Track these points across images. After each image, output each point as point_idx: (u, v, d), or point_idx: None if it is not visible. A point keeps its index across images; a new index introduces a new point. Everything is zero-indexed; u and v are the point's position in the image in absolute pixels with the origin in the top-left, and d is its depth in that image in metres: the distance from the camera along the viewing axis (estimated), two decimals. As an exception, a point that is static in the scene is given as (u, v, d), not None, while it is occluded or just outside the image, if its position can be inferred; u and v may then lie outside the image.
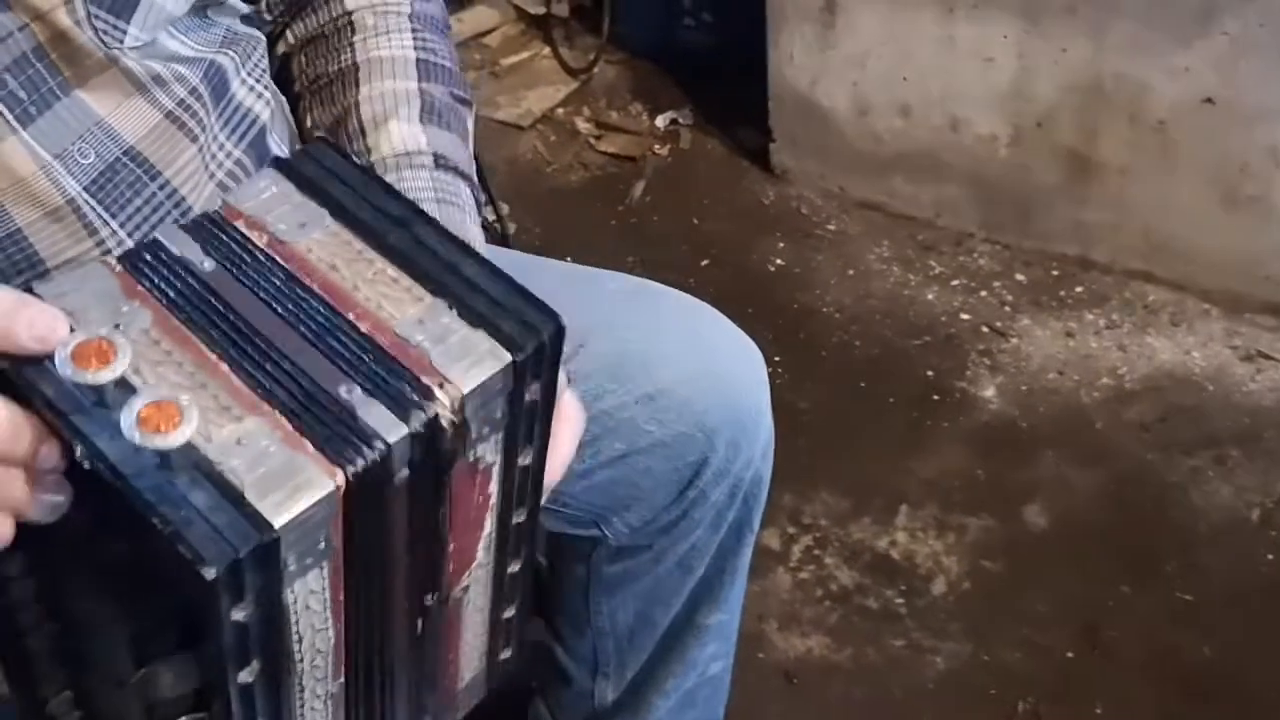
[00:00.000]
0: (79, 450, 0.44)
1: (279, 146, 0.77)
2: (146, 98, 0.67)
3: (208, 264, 0.52)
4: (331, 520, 0.46)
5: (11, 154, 0.61)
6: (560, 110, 2.31)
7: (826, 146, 1.99)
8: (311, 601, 0.48)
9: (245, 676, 0.47)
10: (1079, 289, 1.87)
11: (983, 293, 1.87)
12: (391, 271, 0.52)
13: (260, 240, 0.53)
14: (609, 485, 0.92)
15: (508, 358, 0.50)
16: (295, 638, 0.49)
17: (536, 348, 0.51)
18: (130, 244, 0.64)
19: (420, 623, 0.58)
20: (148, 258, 0.51)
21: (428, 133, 0.79)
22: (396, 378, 0.49)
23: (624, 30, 2.30)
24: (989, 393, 1.72)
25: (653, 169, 2.15)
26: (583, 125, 2.27)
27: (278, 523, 0.43)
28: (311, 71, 0.84)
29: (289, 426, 0.46)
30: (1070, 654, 1.42)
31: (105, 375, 0.45)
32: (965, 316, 1.83)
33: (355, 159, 0.73)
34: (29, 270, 0.62)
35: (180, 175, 0.68)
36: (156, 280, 0.50)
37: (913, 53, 1.82)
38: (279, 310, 0.50)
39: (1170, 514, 1.55)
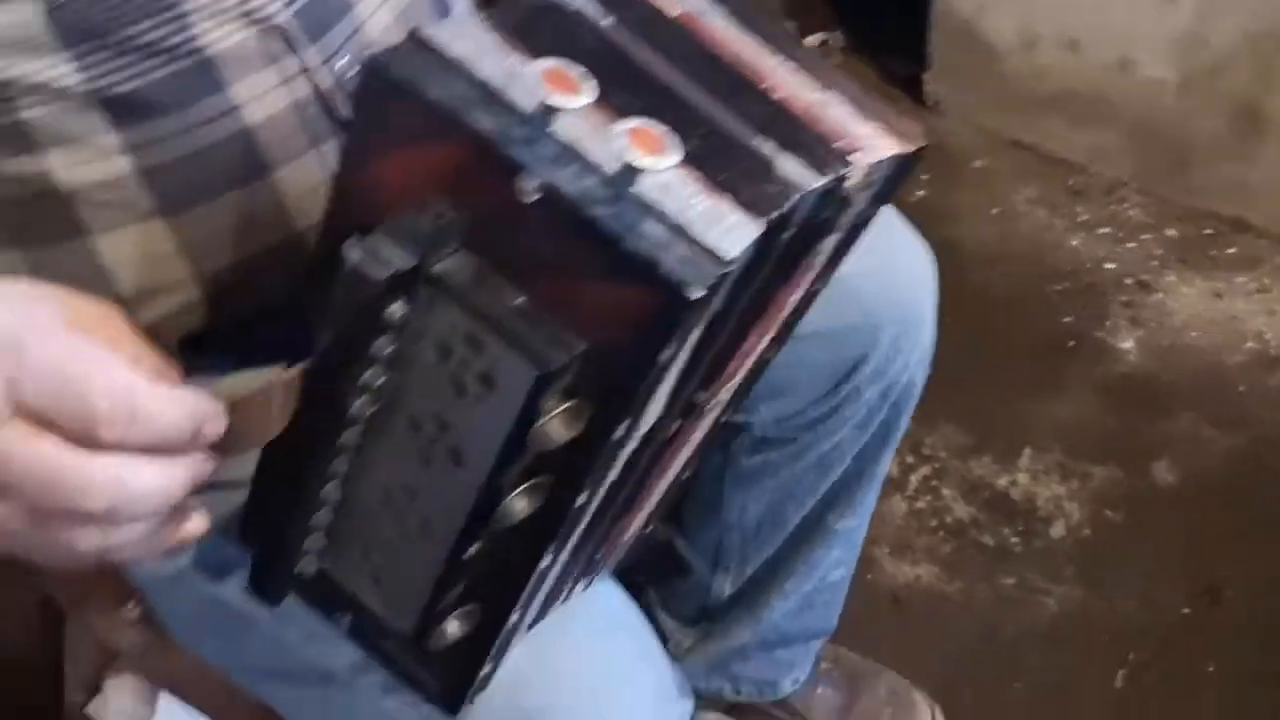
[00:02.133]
0: (528, 183, 0.43)
1: None
2: None
3: (607, 20, 0.51)
4: (736, 274, 0.46)
5: None
6: (710, 22, 2.28)
7: (984, 79, 1.94)
8: (673, 366, 0.48)
9: (621, 430, 0.47)
10: (1231, 250, 1.81)
11: (1130, 244, 1.82)
12: (789, 64, 0.53)
13: (672, 10, 0.53)
14: (762, 371, 0.91)
15: (898, 149, 0.51)
16: (652, 399, 0.49)
17: (914, 152, 0.53)
18: (325, 71, 0.64)
19: (679, 424, 0.58)
20: (533, 13, 0.50)
21: None
22: (811, 138, 0.49)
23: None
24: (1128, 345, 1.68)
25: (800, 89, 2.11)
26: (732, 39, 2.23)
27: (729, 255, 0.43)
28: None
29: (702, 175, 0.45)
30: (1186, 610, 1.39)
31: (576, 102, 0.44)
32: (1109, 266, 1.79)
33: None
34: (171, 8, 0.60)
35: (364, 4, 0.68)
36: (546, 33, 0.49)
37: (1091, -16, 1.76)
38: (685, 68, 0.50)
39: (1306, 484, 1.50)
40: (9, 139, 0.60)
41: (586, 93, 0.45)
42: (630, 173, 0.43)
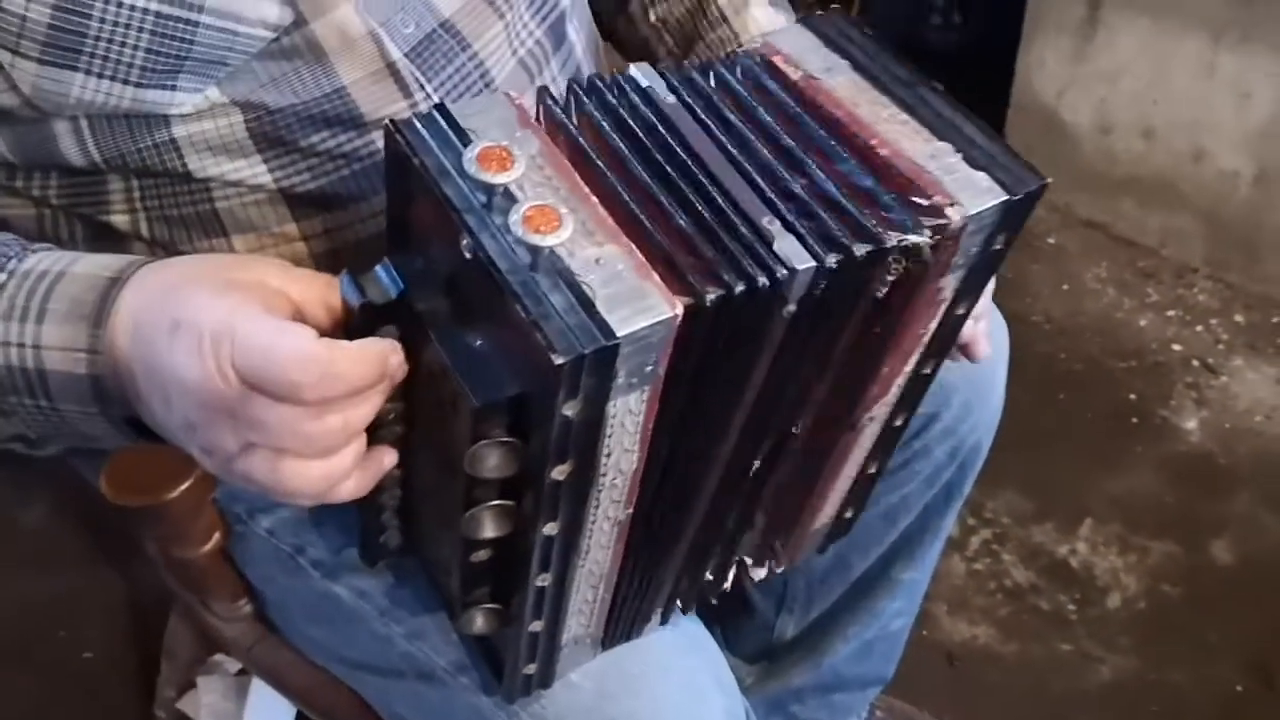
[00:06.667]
0: (465, 241, 0.51)
1: (575, 33, 0.82)
2: None
3: (669, 98, 0.59)
4: (663, 347, 0.51)
5: (345, 19, 0.67)
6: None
7: (1060, 160, 1.99)
8: (627, 422, 0.54)
9: (557, 474, 0.54)
10: (1299, 339, 1.84)
11: (1198, 327, 1.86)
12: (903, 116, 0.60)
13: (794, 75, 0.61)
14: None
15: (1004, 196, 0.57)
16: (605, 451, 0.55)
17: (1027, 195, 0.58)
18: None
19: (759, 463, 0.64)
20: (592, 87, 0.59)
21: (781, 15, 0.85)
22: (898, 196, 0.56)
23: (871, 25, 2.33)
24: (1190, 424, 1.71)
25: (880, 159, 2.18)
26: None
27: (620, 333, 0.49)
28: None
29: (641, 256, 0.52)
30: (1239, 688, 1.41)
31: (501, 178, 0.52)
32: (1176, 347, 1.83)
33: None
34: (350, 123, 0.69)
35: (487, 49, 0.74)
36: (587, 108, 0.57)
37: (1169, 76, 1.81)
38: (729, 145, 0.57)
39: (1364, 573, 1.53)
40: (202, 224, 0.69)
41: (516, 170, 0.52)
42: (544, 245, 0.50)
